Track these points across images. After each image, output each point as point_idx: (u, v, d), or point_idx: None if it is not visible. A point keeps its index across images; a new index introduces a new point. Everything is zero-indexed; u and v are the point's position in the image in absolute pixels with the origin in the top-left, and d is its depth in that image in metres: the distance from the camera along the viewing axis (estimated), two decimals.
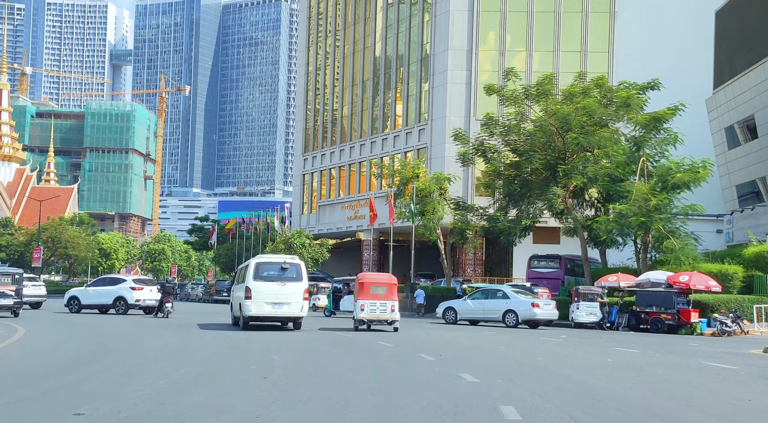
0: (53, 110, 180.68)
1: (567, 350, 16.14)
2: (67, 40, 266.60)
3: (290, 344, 16.05)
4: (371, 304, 21.57)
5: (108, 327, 21.89)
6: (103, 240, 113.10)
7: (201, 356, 13.25)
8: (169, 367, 11.18)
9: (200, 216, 79.92)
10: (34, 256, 67.08)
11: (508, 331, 24.40)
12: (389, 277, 23.17)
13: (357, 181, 56.18)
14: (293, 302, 20.27)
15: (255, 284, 20.12)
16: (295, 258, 21.41)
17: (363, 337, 18.61)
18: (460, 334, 21.64)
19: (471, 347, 16.19)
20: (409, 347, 15.65)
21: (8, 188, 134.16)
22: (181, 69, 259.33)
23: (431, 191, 40.28)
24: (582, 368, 12.43)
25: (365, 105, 56.26)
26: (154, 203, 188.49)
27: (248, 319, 20.58)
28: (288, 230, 51.51)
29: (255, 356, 12.79)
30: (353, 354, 13.65)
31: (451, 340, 18.85)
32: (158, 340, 16.81)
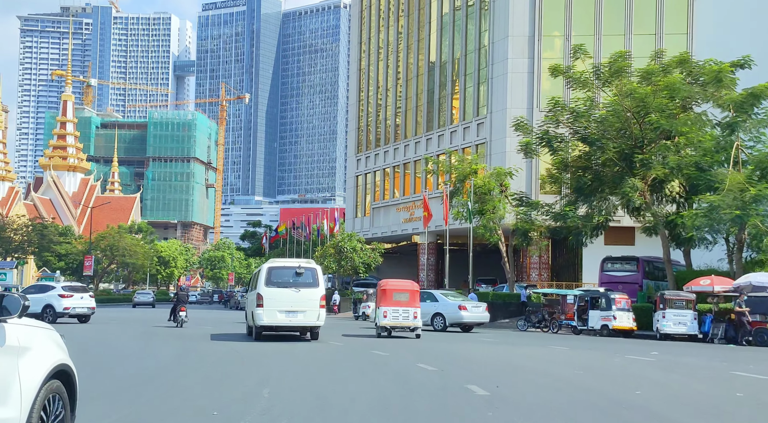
0: (117, 121, 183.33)
1: (671, 378, 11.92)
2: (133, 52, 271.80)
3: (299, 365, 12.84)
4: (394, 310, 21.38)
5: (99, 339, 19.23)
6: (161, 248, 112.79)
7: (168, 387, 10.06)
8: (107, 409, 7.95)
9: (253, 221, 77.87)
10: (85, 264, 65.99)
11: (577, 346, 20.51)
12: (411, 284, 23.12)
13: (412, 181, 52.85)
14: (309, 310, 18.38)
15: (267, 291, 18.34)
16: (310, 262, 19.51)
17: (395, 355, 15.24)
18: (520, 351, 17.97)
19: (535, 372, 12.55)
20: (455, 372, 12.15)
21: (73, 198, 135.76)
22: (243, 78, 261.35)
23: (491, 188, 36.69)
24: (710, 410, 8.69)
25: (420, 100, 52.94)
26: (215, 211, 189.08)
27: (260, 329, 18.84)
28: (338, 233, 48.54)
29: (239, 390, 9.51)
30: (379, 386, 10.17)
31: (509, 359, 15.24)
32: (143, 358, 13.78)
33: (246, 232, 75.15)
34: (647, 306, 28.32)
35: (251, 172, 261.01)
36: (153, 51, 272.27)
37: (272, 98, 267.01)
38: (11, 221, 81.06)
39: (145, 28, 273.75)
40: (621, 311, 25.65)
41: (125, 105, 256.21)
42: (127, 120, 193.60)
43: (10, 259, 78.47)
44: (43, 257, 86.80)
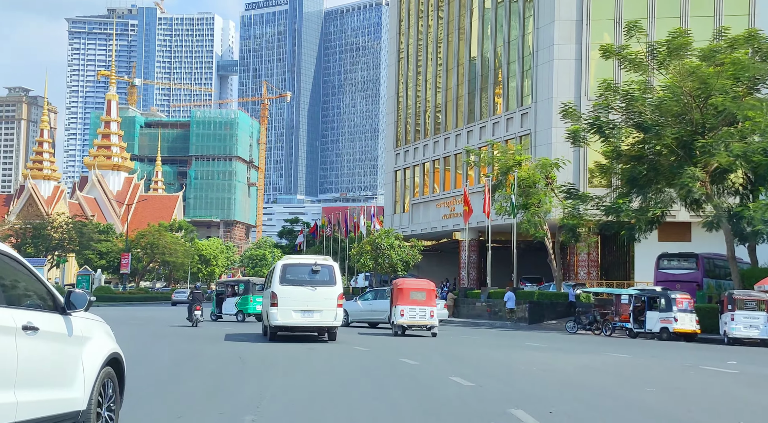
0: (161, 120, 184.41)
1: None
2: (177, 52, 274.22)
3: (307, 376, 10.91)
4: (410, 309, 21.58)
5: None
6: (202, 246, 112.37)
7: (137, 404, 8.22)
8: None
9: (290, 218, 76.44)
10: (122, 262, 65.32)
11: (638, 353, 18.16)
12: (428, 283, 23.36)
13: (452, 175, 50.64)
14: (325, 310, 17.53)
15: (282, 289, 17.54)
16: (328, 258, 18.73)
17: (425, 363, 13.25)
18: (572, 359, 15.75)
19: (596, 390, 10.33)
20: (496, 388, 10.06)
21: (117, 197, 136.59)
22: (285, 77, 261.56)
23: (536, 181, 34.39)
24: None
25: (460, 91, 50.69)
26: (257, 210, 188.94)
27: (275, 329, 18.08)
28: (374, 230, 46.61)
29: (218, 412, 7.59)
30: (399, 408, 8.09)
31: (561, 371, 13.06)
32: (135, 366, 11.97)
33: (284, 229, 73.68)
34: (710, 307, 25.79)
35: (293, 170, 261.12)
36: (197, 51, 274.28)
37: (314, 97, 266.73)
38: (52, 219, 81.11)
39: (189, 29, 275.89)
40: (683, 313, 23.22)
41: (170, 105, 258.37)
42: (170, 119, 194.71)
43: (50, 257, 78.44)
44: (84, 255, 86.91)
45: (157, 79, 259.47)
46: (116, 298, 61.25)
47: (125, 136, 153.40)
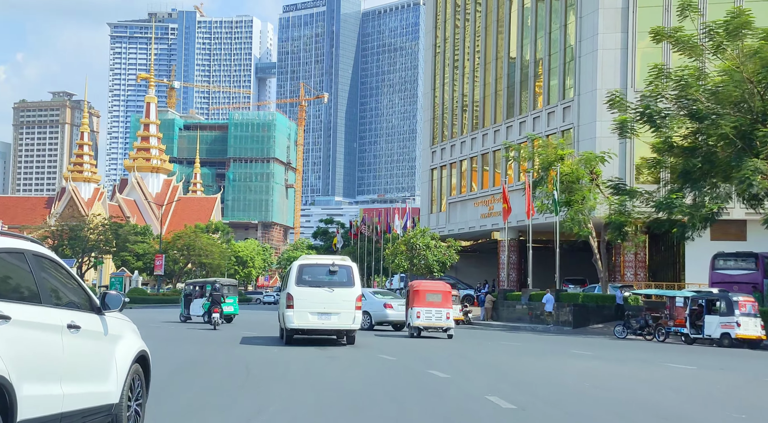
0: (199, 122, 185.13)
1: None
2: (216, 55, 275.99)
3: (317, 387, 9.51)
4: (426, 311, 21.68)
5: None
6: (239, 248, 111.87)
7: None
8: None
9: (326, 218, 75.09)
10: (156, 263, 64.63)
11: (704, 365, 16.20)
12: (444, 285, 23.71)
13: (491, 173, 48.72)
14: (343, 312, 16.88)
15: (297, 290, 16.93)
16: (346, 259, 18.20)
17: (457, 377, 11.51)
18: (628, 371, 13.89)
19: (672, 415, 8.49)
20: (542, 412, 8.32)
21: (156, 199, 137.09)
22: (323, 79, 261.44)
23: (579, 176, 32.38)
24: None
25: (499, 85, 48.76)
26: (295, 211, 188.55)
27: (291, 332, 17.42)
28: (410, 229, 44.89)
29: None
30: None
31: (620, 388, 11.25)
32: None
33: (318, 230, 72.34)
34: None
35: (331, 172, 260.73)
36: (235, 53, 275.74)
37: (351, 98, 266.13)
38: (89, 220, 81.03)
39: (228, 32, 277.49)
40: (746, 317, 21.17)
41: (209, 107, 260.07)
42: (208, 121, 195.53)
43: (86, 258, 78.32)
44: (121, 257, 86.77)
45: (196, 82, 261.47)
46: (150, 299, 60.60)
47: (165, 138, 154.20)
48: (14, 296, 4.64)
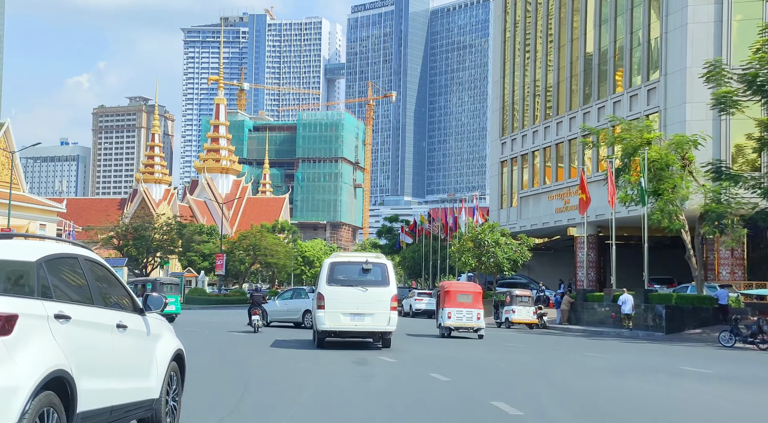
0: (268, 123, 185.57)
1: None
2: (286, 57, 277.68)
3: (334, 405, 7.14)
4: (457, 311, 21.93)
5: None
6: (305, 248, 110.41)
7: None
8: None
9: (389, 216, 72.24)
10: (217, 263, 63.12)
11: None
12: (474, 286, 24.18)
13: (566, 163, 44.94)
14: (377, 313, 15.93)
15: (329, 290, 16.07)
16: (380, 256, 17.15)
17: (529, 407, 8.70)
18: (760, 397, 10.51)
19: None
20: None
21: (225, 199, 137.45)
22: (391, 78, 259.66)
23: (669, 162, 28.58)
24: None
25: (574, 69, 44.96)
26: (363, 211, 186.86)
27: (322, 334, 16.56)
28: (477, 225, 41.57)
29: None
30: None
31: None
32: None
33: (383, 228, 69.45)
34: None
35: (400, 172, 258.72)
36: (305, 55, 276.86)
37: (420, 97, 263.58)
38: (154, 220, 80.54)
39: (297, 34, 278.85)
40: None
41: (278, 108, 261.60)
42: (277, 122, 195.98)
43: (151, 259, 77.70)
44: (187, 257, 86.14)
45: (267, 84, 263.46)
46: (210, 300, 59.03)
47: (235, 140, 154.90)
48: (73, 298, 5.01)
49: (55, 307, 4.68)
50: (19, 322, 4.31)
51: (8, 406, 4.10)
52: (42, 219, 74.92)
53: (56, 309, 4.68)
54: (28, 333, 4.38)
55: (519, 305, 29.23)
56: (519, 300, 29.38)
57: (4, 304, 4.30)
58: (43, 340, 4.48)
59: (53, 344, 4.53)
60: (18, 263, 4.66)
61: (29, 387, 4.22)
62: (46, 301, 4.64)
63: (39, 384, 4.30)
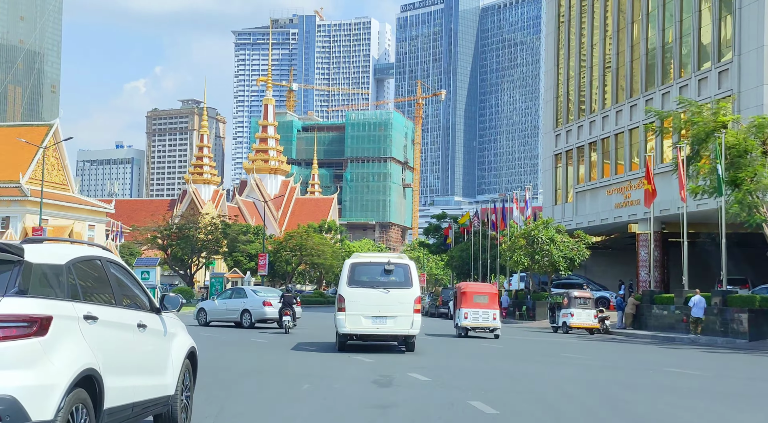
0: (317, 123, 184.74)
1: None
2: (335, 57, 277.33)
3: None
4: (474, 312, 22.33)
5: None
6: (353, 248, 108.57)
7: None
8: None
9: (437, 214, 69.39)
10: (259, 263, 61.32)
11: None
12: (491, 287, 25.12)
13: (626, 155, 41.61)
14: (400, 315, 15.49)
15: (350, 292, 15.66)
16: (402, 257, 16.63)
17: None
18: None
19: None
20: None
21: (274, 200, 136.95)
22: (441, 77, 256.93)
23: (748, 149, 25.38)
24: None
25: (635, 52, 41.63)
26: (413, 212, 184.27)
27: (344, 337, 16.10)
28: (530, 220, 38.59)
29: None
30: None
31: None
32: None
33: (430, 226, 66.56)
34: None
35: (450, 172, 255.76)
36: (354, 55, 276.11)
37: (470, 96, 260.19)
38: (197, 219, 79.38)
39: (347, 34, 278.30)
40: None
41: (328, 108, 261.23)
42: (326, 122, 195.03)
43: (196, 259, 76.49)
44: (233, 257, 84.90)
45: (316, 84, 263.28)
46: None
47: (284, 140, 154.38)
48: (98, 299, 5.29)
49: (83, 308, 4.93)
50: (54, 323, 4.52)
51: (46, 403, 4.31)
52: (91, 219, 74.65)
53: (85, 310, 4.92)
54: (62, 333, 4.59)
55: (578, 308, 26.35)
56: (578, 302, 26.49)
57: (40, 306, 4.51)
58: (74, 340, 4.70)
59: (83, 344, 4.76)
60: (49, 266, 4.82)
61: (64, 385, 4.44)
62: (75, 303, 4.87)
63: (73, 382, 4.51)
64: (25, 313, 4.37)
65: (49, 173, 67.87)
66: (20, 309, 4.36)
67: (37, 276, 4.62)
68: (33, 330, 4.36)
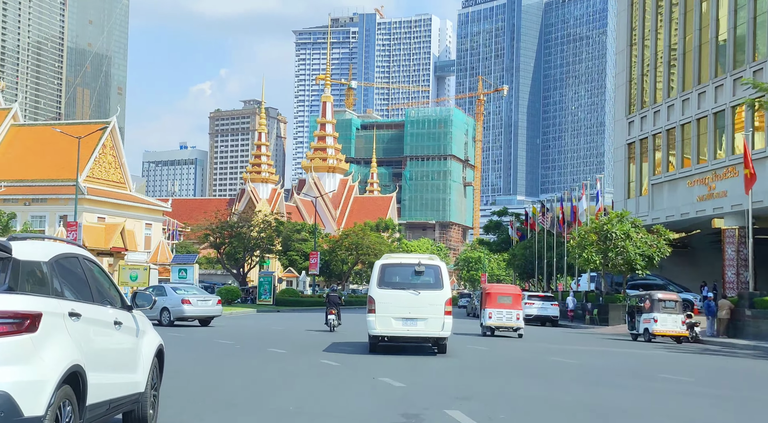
0: (376, 121, 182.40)
1: None
2: (396, 55, 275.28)
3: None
4: (498, 312, 23.45)
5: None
6: (411, 247, 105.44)
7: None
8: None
9: (497, 210, 65.35)
10: (311, 261, 58.84)
11: None
12: (514, 288, 25.88)
13: (711, 142, 37.22)
14: (431, 317, 15.06)
15: (380, 293, 15.29)
16: (433, 258, 16.15)
17: None
18: None
19: None
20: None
21: (333, 199, 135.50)
22: (503, 74, 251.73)
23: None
24: None
25: (721, 26, 37.19)
26: (474, 211, 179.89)
27: (375, 339, 15.63)
28: (600, 213, 34.57)
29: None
30: None
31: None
32: None
33: (490, 223, 62.57)
34: None
35: (512, 170, 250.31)
36: (414, 53, 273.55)
37: (533, 93, 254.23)
38: (250, 217, 77.40)
39: (407, 31, 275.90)
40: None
41: (388, 106, 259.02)
42: (385, 120, 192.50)
43: (249, 258, 74.44)
44: (288, 256, 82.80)
45: (376, 82, 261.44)
46: (302, 302, 54.62)
47: (342, 138, 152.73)
48: (78, 296, 5.28)
49: (68, 305, 4.98)
50: (43, 320, 4.57)
51: (38, 399, 4.37)
52: (148, 218, 73.89)
53: (69, 307, 4.99)
54: (50, 330, 4.63)
55: (663, 312, 22.54)
56: (663, 306, 22.66)
57: (30, 303, 4.54)
58: (61, 336, 4.75)
59: (69, 341, 4.82)
60: (35, 263, 4.85)
61: (54, 381, 4.51)
62: (60, 300, 4.92)
63: (62, 378, 4.59)
64: (16, 309, 4.42)
65: (107, 171, 67.54)
66: (11, 305, 4.41)
67: (25, 273, 4.66)
68: (24, 326, 4.42)
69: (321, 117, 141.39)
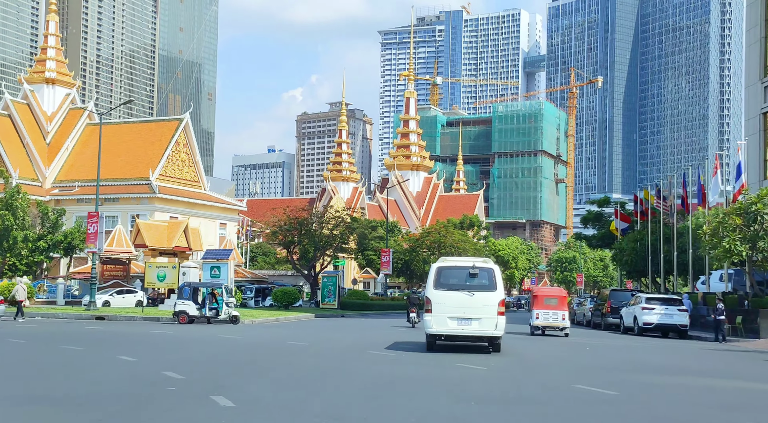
0: (462, 118, 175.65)
1: None
2: (483, 52, 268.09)
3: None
4: (545, 313, 25.04)
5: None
6: (499, 246, 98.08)
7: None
8: None
9: (596, 199, 57.29)
10: (382, 260, 52.96)
11: None
12: (560, 291, 27.60)
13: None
14: (484, 317, 15.75)
15: (436, 294, 16.05)
16: (487, 261, 16.66)
17: None
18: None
19: None
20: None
21: (417, 197, 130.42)
22: (596, 68, 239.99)
23: None
24: None
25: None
26: (567, 209, 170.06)
27: (432, 338, 16.70)
28: (743, 190, 26.71)
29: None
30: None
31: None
32: None
33: (589, 214, 54.41)
34: None
35: (607, 167, 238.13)
36: (503, 48, 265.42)
37: (629, 86, 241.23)
38: (322, 213, 71.93)
39: (495, 27, 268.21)
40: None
41: (475, 103, 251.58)
42: (471, 116, 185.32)
43: (322, 259, 68.83)
44: (365, 256, 77.34)
45: (463, 78, 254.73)
46: (370, 305, 48.43)
47: (427, 136, 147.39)
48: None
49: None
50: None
51: None
52: (222, 218, 70.62)
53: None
54: None
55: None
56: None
57: None
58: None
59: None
60: None
61: None
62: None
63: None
64: None
65: (180, 170, 65.32)
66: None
67: None
68: None
69: (404, 113, 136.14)
